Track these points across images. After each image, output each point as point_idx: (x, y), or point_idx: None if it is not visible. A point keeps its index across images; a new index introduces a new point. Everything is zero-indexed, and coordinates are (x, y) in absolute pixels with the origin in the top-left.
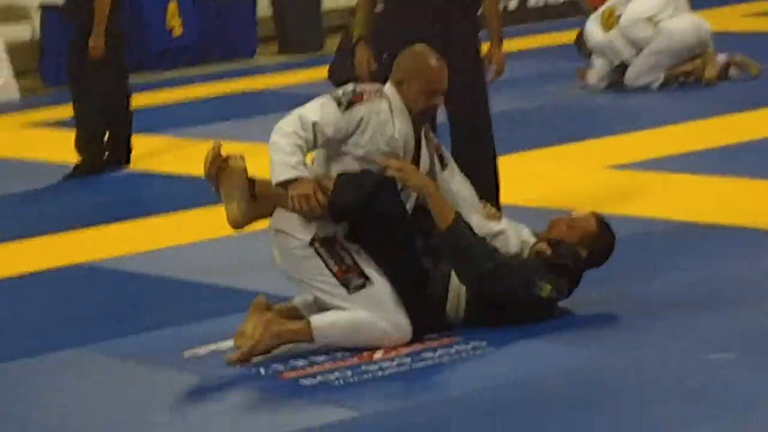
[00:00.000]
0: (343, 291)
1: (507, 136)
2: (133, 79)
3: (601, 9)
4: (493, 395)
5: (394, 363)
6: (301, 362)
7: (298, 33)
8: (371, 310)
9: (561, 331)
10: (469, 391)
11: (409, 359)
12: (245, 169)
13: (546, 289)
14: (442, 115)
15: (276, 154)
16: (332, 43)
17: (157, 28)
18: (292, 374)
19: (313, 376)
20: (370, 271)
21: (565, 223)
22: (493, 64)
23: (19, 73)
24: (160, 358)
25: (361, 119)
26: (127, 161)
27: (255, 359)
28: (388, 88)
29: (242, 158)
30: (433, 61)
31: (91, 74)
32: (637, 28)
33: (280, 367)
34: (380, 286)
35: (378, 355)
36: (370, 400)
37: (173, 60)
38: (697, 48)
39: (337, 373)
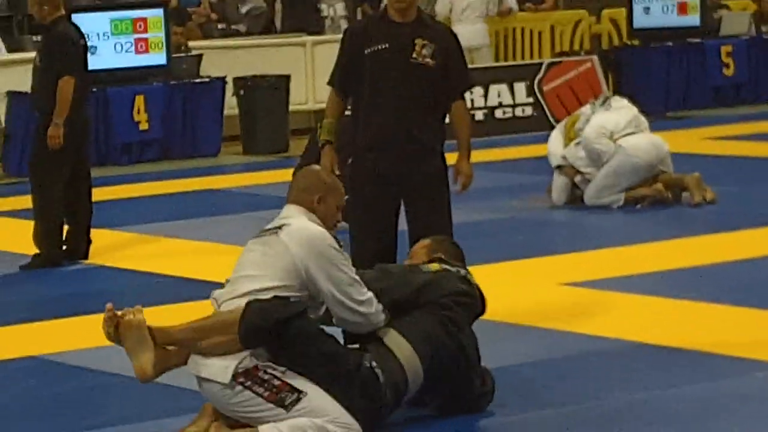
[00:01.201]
0: (281, 411)
1: (466, 247)
2: (97, 171)
3: (564, 121)
4: None
5: None
6: None
7: (264, 134)
8: (314, 415)
9: None
10: None
11: None
12: (143, 321)
13: (434, 266)
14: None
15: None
16: (297, 145)
17: (123, 121)
18: None
19: None
20: (300, 383)
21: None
22: (460, 176)
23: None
24: None
25: None
26: (86, 255)
27: None
28: (301, 212)
29: (139, 311)
30: (335, 178)
31: (52, 164)
32: (599, 142)
33: None
34: (314, 393)
35: None
36: None
37: (138, 154)
38: (657, 166)
39: None
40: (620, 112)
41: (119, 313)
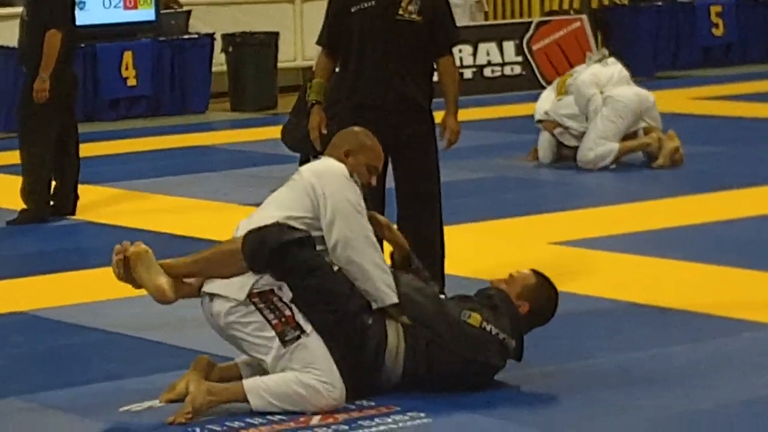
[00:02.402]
0: (277, 344)
1: (454, 206)
2: (85, 127)
3: (553, 83)
4: None
5: (330, 429)
6: (236, 424)
7: (252, 90)
8: (302, 363)
9: (499, 407)
10: None
11: (346, 427)
12: (148, 249)
13: (475, 318)
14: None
15: (375, 269)
16: (285, 103)
17: (111, 77)
18: None
19: None
20: (306, 324)
21: (502, 281)
22: (447, 133)
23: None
24: (94, 412)
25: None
26: (73, 211)
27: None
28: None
29: (140, 244)
30: (376, 142)
31: (39, 119)
32: (590, 89)
33: (216, 427)
34: (314, 340)
35: (315, 420)
36: None
37: (126, 110)
38: (645, 115)
39: None
40: (614, 68)
41: (124, 248)
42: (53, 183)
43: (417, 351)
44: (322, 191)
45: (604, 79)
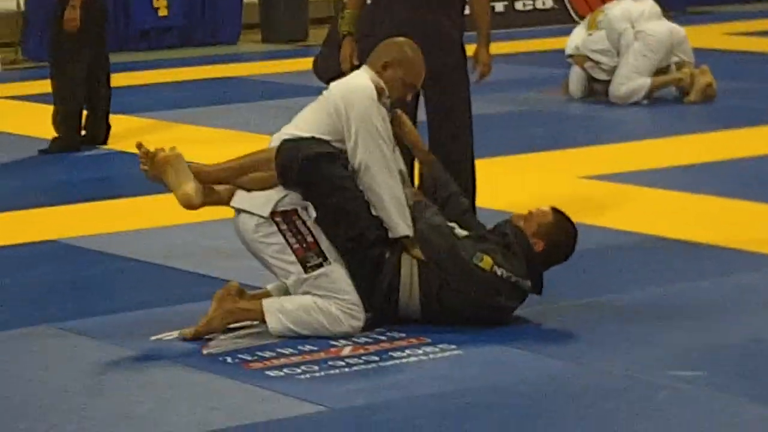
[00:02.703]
0: (299, 269)
1: (485, 139)
2: (115, 57)
3: (585, 19)
4: (459, 398)
5: (362, 360)
6: (268, 353)
7: (283, 22)
8: (324, 291)
9: (529, 340)
10: (435, 393)
11: (377, 357)
12: (180, 154)
13: (486, 262)
14: (422, 113)
15: (391, 200)
16: (316, 34)
17: (142, 7)
18: (258, 365)
19: (280, 368)
20: (329, 251)
21: (521, 217)
22: (479, 66)
23: (1, 45)
24: (125, 340)
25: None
26: (105, 140)
27: (221, 347)
28: (366, 72)
29: (174, 148)
30: (419, 56)
31: (70, 50)
32: (621, 23)
33: (246, 357)
34: (337, 268)
35: (346, 351)
36: (335, 395)
37: (157, 40)
38: (677, 49)
39: (303, 367)
40: (645, 3)
41: (152, 149)
42: (84, 113)
43: (430, 288)
44: (346, 114)
45: (636, 14)
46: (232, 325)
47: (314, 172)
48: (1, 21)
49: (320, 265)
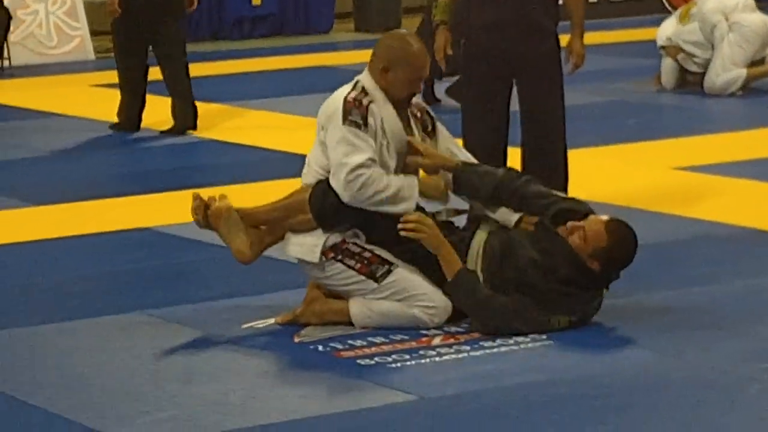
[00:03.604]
0: (372, 283)
1: (577, 129)
2: (209, 46)
3: (677, 11)
4: (549, 389)
5: (452, 350)
6: (359, 342)
7: (376, 11)
8: (404, 294)
9: (621, 331)
10: (525, 383)
11: (467, 347)
12: (230, 206)
13: (564, 320)
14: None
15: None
16: (408, 23)
17: None
18: (350, 354)
19: (371, 357)
20: (391, 257)
21: (579, 234)
22: (572, 56)
23: (95, 33)
24: (217, 328)
25: (374, 126)
26: (194, 125)
27: (312, 336)
28: (366, 77)
29: (224, 197)
30: (418, 48)
31: (118, 31)
32: (716, 16)
33: (337, 345)
34: (405, 270)
35: (437, 341)
36: (426, 384)
37: (250, 29)
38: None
39: (394, 356)
40: None
41: (206, 200)
42: (170, 100)
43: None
44: (327, 144)
45: (730, 7)
46: None
47: (347, 216)
48: (96, 9)
49: (389, 272)
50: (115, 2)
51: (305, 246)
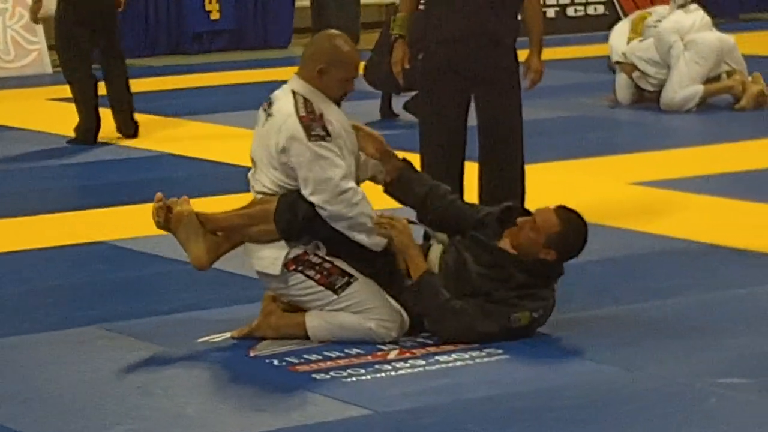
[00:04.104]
0: (331, 295)
1: (535, 144)
2: (168, 60)
3: (631, 15)
4: (506, 403)
5: (408, 364)
6: (314, 356)
7: (335, 26)
8: (361, 306)
9: (579, 345)
10: (481, 397)
11: (423, 361)
12: (192, 210)
13: (525, 317)
14: (472, 117)
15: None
16: (367, 38)
17: (194, 10)
18: (305, 368)
19: (326, 371)
20: (351, 269)
21: (530, 227)
22: (530, 72)
23: (53, 48)
24: (174, 342)
25: (334, 132)
26: (135, 134)
27: (268, 350)
28: (298, 85)
29: (186, 201)
30: (350, 47)
31: (66, 36)
32: (672, 36)
33: (293, 359)
34: (365, 284)
35: (392, 355)
36: (381, 399)
37: (209, 43)
38: (727, 57)
39: (350, 370)
40: (696, 14)
41: (168, 202)
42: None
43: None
44: (291, 164)
45: (687, 26)
46: None
47: (316, 230)
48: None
49: (348, 284)
50: (36, 11)
51: (266, 259)
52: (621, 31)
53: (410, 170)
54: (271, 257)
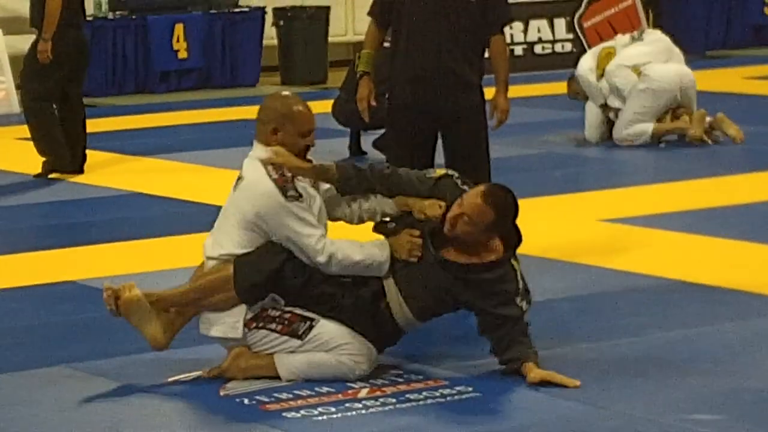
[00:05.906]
0: (295, 341)
1: (503, 182)
2: (135, 99)
3: (600, 46)
4: None
5: (379, 402)
6: (285, 395)
7: (303, 64)
8: (330, 345)
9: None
10: None
11: (394, 399)
12: (140, 295)
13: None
14: (439, 156)
15: (363, 259)
16: (335, 77)
17: (162, 49)
18: (276, 406)
19: (297, 410)
20: (310, 314)
21: (463, 222)
22: (497, 111)
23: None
24: (143, 381)
25: (305, 191)
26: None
27: (238, 389)
28: (260, 151)
29: (133, 286)
30: (299, 104)
31: (41, 77)
32: (619, 76)
33: (263, 398)
34: (327, 323)
35: (362, 393)
36: None
37: (177, 82)
38: (680, 95)
39: (320, 409)
40: (652, 44)
41: (115, 290)
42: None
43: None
44: (267, 228)
45: (638, 60)
46: None
47: (280, 288)
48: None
49: (311, 327)
50: (49, 49)
51: (226, 324)
52: (586, 61)
53: (344, 168)
54: (230, 322)
